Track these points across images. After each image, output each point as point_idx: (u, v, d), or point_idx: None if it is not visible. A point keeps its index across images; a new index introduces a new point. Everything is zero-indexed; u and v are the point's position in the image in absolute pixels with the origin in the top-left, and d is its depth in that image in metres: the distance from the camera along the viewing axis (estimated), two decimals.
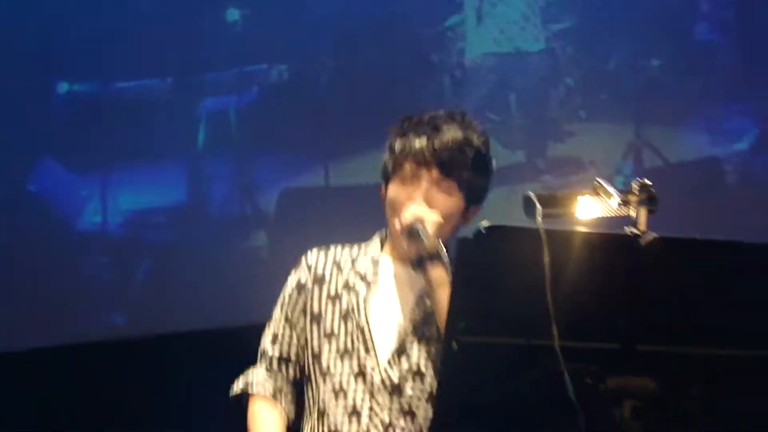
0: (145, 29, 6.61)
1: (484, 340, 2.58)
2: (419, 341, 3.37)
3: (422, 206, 3.32)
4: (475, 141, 3.43)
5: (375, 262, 3.52)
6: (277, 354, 3.57)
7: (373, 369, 3.36)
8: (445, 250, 3.23)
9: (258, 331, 3.77)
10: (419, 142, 3.39)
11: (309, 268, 3.60)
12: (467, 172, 3.41)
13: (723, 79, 6.12)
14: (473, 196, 3.46)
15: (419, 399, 3.35)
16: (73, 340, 6.34)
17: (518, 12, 6.33)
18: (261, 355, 3.60)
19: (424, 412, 3.32)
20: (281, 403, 3.51)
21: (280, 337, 3.58)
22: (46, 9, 6.70)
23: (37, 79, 6.71)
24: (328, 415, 3.43)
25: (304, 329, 3.53)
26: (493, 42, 6.33)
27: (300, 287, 3.58)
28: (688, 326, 2.62)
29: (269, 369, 3.57)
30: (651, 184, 2.61)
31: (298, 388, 3.55)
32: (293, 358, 3.56)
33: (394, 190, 3.41)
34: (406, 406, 3.34)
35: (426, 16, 6.43)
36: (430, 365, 3.35)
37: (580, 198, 2.75)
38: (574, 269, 2.53)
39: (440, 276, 3.18)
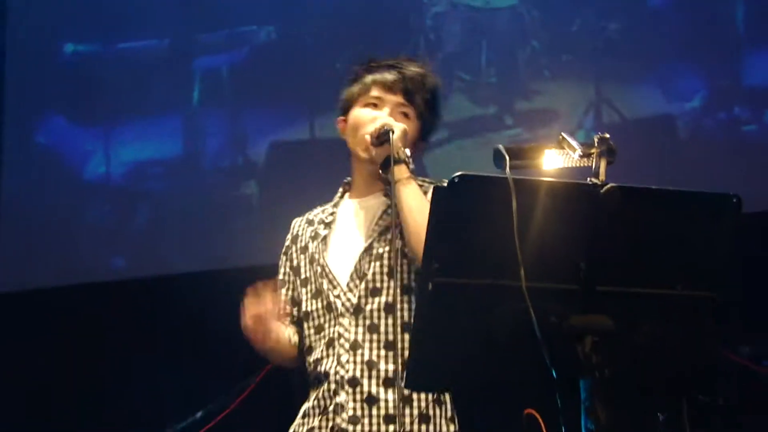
0: None
1: (456, 281, 2.59)
2: (373, 260, 3.38)
3: (390, 117, 3.36)
4: (431, 79, 3.55)
5: (335, 205, 3.58)
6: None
7: (337, 297, 3.39)
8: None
9: (247, 273, 3.79)
10: (387, 74, 3.48)
11: (291, 231, 3.67)
12: (424, 102, 3.49)
13: (676, 42, 6.11)
14: (424, 129, 3.54)
15: (379, 313, 3.35)
16: (78, 281, 6.35)
17: None
18: None
19: (385, 327, 3.33)
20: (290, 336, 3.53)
21: (281, 295, 3.57)
22: None
23: (45, 40, 6.75)
24: (313, 351, 3.46)
25: (293, 284, 3.59)
26: None
27: (285, 250, 3.65)
28: (641, 268, 2.64)
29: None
30: (609, 137, 2.62)
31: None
32: (292, 311, 3.58)
33: (359, 111, 3.45)
34: (368, 322, 3.35)
35: None
36: (385, 280, 3.36)
37: (545, 150, 2.75)
38: (540, 216, 2.54)
39: (404, 174, 3.21)
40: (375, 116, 3.36)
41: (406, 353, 3.06)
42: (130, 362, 6.04)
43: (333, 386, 3.35)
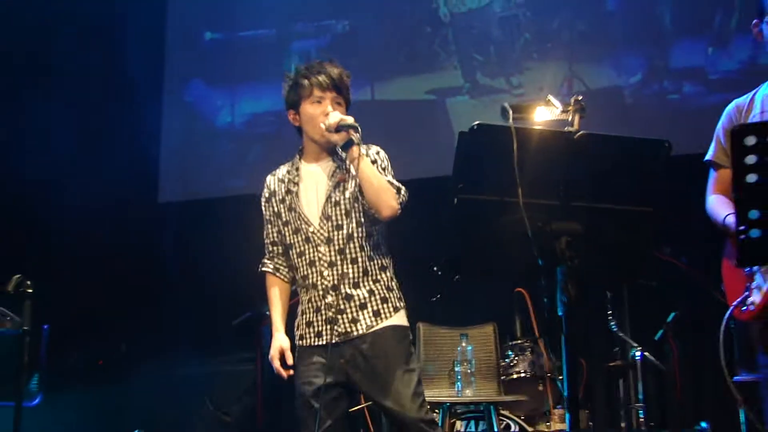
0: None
1: (474, 197, 2.61)
2: (333, 206, 3.41)
3: (337, 112, 3.42)
4: (347, 76, 3.55)
5: (296, 168, 3.56)
6: (269, 242, 3.62)
7: (313, 233, 3.42)
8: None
9: None
10: (321, 77, 3.46)
11: (267, 188, 3.65)
12: (347, 94, 3.53)
13: (625, 34, 6.09)
14: (348, 110, 3.55)
15: (345, 242, 3.40)
16: (212, 196, 6.41)
17: None
18: (264, 247, 3.65)
19: (349, 250, 3.39)
20: (280, 273, 3.59)
21: (267, 234, 3.63)
22: None
23: (192, 29, 6.79)
24: (299, 269, 3.48)
25: (276, 224, 3.57)
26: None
27: (266, 201, 3.63)
28: (602, 190, 2.65)
29: (269, 253, 3.63)
30: (582, 99, 2.62)
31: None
32: (274, 247, 3.60)
33: (309, 109, 3.47)
34: (337, 247, 3.40)
35: None
36: (344, 218, 3.40)
37: (537, 107, 2.75)
38: (532, 153, 2.59)
39: (359, 152, 3.27)
40: (327, 112, 3.40)
41: (363, 264, 3.36)
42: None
43: (321, 292, 3.39)
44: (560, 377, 4.65)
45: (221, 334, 5.50)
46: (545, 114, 2.73)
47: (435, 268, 2.95)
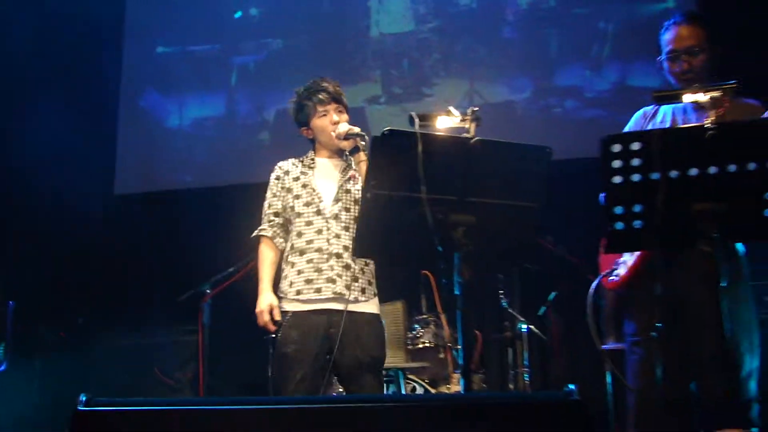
0: (203, 18, 6.50)
1: (385, 192, 2.59)
2: (345, 192, 3.49)
3: (345, 122, 3.52)
4: (339, 86, 3.62)
5: (312, 159, 3.61)
6: (272, 212, 3.59)
7: (323, 209, 3.45)
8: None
9: (255, 186, 3.69)
10: (321, 95, 3.54)
11: (280, 168, 3.64)
12: (344, 101, 3.60)
13: (518, 58, 6.12)
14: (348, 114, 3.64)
15: (349, 221, 3.46)
16: (160, 188, 6.28)
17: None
18: (264, 217, 3.61)
19: (352, 229, 3.41)
20: (275, 241, 3.57)
21: (272, 204, 3.60)
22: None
23: (146, 43, 6.60)
24: (304, 235, 3.47)
25: (285, 198, 3.55)
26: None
27: (276, 178, 3.62)
28: (493, 187, 2.65)
29: (269, 222, 3.59)
30: (478, 109, 2.62)
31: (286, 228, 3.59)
32: (276, 218, 3.58)
33: (320, 121, 3.55)
34: (343, 224, 3.45)
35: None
36: (352, 204, 3.47)
37: (438, 116, 2.74)
38: (435, 155, 2.58)
39: (365, 157, 3.35)
40: (336, 121, 3.50)
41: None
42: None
43: (325, 256, 3.40)
44: (458, 347, 4.66)
45: (166, 309, 5.40)
46: (446, 122, 2.72)
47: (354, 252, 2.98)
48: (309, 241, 3.44)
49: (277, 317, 3.39)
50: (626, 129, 3.38)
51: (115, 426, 1.83)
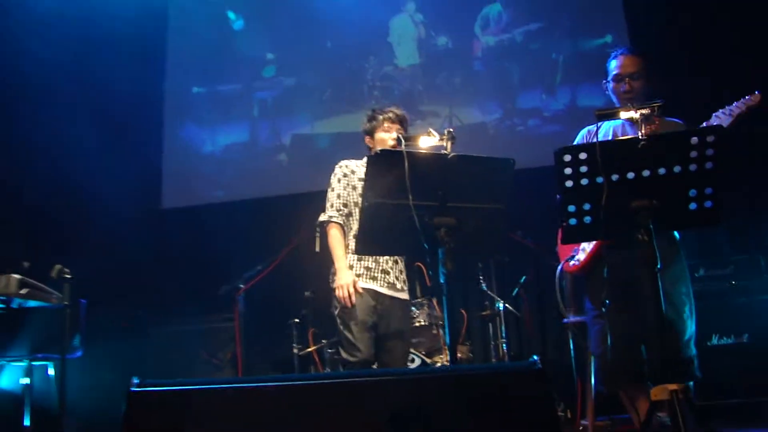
0: (229, 62, 6.45)
1: (381, 201, 2.59)
2: None
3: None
4: (404, 114, 3.63)
5: None
6: (341, 203, 3.51)
7: None
8: None
9: (281, 198, 3.62)
10: (391, 114, 3.55)
11: (346, 167, 3.59)
12: (407, 126, 3.61)
13: (487, 86, 6.12)
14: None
15: None
16: (198, 203, 6.27)
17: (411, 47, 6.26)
18: (331, 206, 3.52)
19: None
20: (344, 227, 3.50)
21: (339, 198, 3.53)
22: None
23: (184, 83, 6.56)
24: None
25: (350, 194, 3.51)
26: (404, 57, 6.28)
27: (343, 175, 3.56)
28: (469, 194, 2.65)
29: (338, 211, 3.51)
30: (453, 130, 2.61)
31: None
32: (344, 208, 3.51)
33: (381, 136, 3.52)
34: None
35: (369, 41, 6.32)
36: None
37: (422, 137, 2.73)
38: (419, 169, 2.55)
39: None
40: (395, 138, 3.39)
41: None
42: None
43: None
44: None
45: (207, 301, 5.41)
46: (428, 141, 2.72)
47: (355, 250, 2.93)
48: None
49: (360, 290, 3.36)
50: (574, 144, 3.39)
51: (164, 403, 1.83)
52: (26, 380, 4.25)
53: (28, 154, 5.79)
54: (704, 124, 2.99)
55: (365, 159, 3.56)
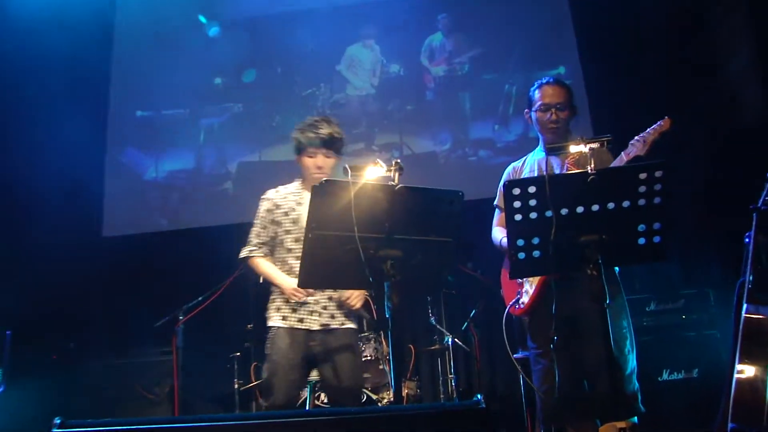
0: (176, 86, 6.34)
1: (324, 233, 2.54)
2: None
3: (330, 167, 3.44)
4: (337, 132, 3.46)
5: (298, 193, 3.48)
6: (260, 242, 3.46)
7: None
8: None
9: (224, 227, 3.54)
10: (314, 136, 3.39)
11: (270, 200, 3.49)
12: (339, 146, 3.47)
13: (438, 115, 6.17)
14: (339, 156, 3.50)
15: None
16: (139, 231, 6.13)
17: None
18: (251, 242, 3.47)
19: None
20: (267, 256, 3.47)
21: (258, 234, 3.47)
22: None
23: (127, 108, 6.42)
24: (287, 261, 3.39)
25: (273, 229, 3.44)
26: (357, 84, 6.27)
27: (267, 210, 3.47)
28: (415, 226, 2.62)
29: (258, 248, 3.46)
30: (400, 161, 2.59)
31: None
32: (268, 243, 3.46)
33: (307, 161, 3.44)
34: None
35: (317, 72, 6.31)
36: None
37: (368, 167, 2.70)
38: (365, 200, 2.52)
39: None
40: (321, 166, 3.40)
41: None
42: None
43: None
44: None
45: (145, 334, 5.25)
46: (375, 172, 2.69)
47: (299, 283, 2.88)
48: (291, 267, 3.37)
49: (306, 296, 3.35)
50: (501, 183, 3.40)
51: None
52: None
53: None
54: (622, 154, 3.03)
55: (296, 183, 3.53)
